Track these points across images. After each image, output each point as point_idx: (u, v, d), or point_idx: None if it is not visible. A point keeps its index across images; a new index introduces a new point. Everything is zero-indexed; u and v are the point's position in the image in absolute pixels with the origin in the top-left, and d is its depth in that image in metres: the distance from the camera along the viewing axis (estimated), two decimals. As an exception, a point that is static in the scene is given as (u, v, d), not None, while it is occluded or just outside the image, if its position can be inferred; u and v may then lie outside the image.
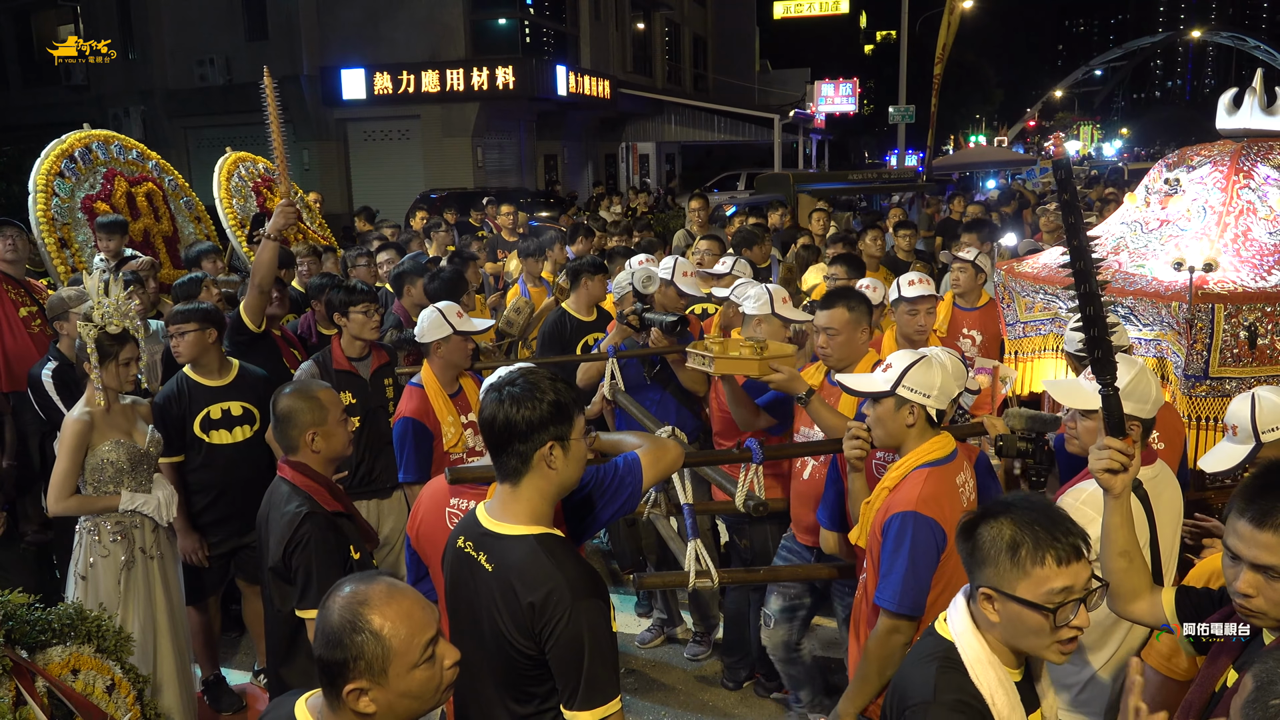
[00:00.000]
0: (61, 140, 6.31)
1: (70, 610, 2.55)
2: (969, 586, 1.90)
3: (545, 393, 2.06)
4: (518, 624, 2.01)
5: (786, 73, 37.19)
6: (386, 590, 1.67)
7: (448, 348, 3.92)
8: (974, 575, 1.86)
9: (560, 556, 2.03)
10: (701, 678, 4.57)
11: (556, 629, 1.97)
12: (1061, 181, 2.15)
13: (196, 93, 21.76)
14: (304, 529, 2.74)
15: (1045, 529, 1.77)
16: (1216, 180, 3.90)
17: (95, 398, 3.62)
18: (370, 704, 1.64)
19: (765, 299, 4.11)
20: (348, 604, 1.65)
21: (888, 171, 24.66)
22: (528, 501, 2.09)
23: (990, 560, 1.79)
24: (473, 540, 2.15)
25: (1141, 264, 3.85)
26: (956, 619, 1.89)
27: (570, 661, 1.98)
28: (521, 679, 2.08)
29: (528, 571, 2.01)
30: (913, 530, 2.58)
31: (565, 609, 1.96)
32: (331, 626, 1.64)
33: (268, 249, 4.56)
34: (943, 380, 2.69)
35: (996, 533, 1.80)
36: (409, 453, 3.80)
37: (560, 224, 11.31)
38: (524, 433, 2.05)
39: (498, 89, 20.61)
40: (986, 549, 1.80)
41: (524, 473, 2.08)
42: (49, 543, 4.80)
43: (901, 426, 2.72)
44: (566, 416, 2.08)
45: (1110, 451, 2.07)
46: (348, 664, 1.62)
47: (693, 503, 3.01)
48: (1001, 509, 1.83)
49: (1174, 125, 65.98)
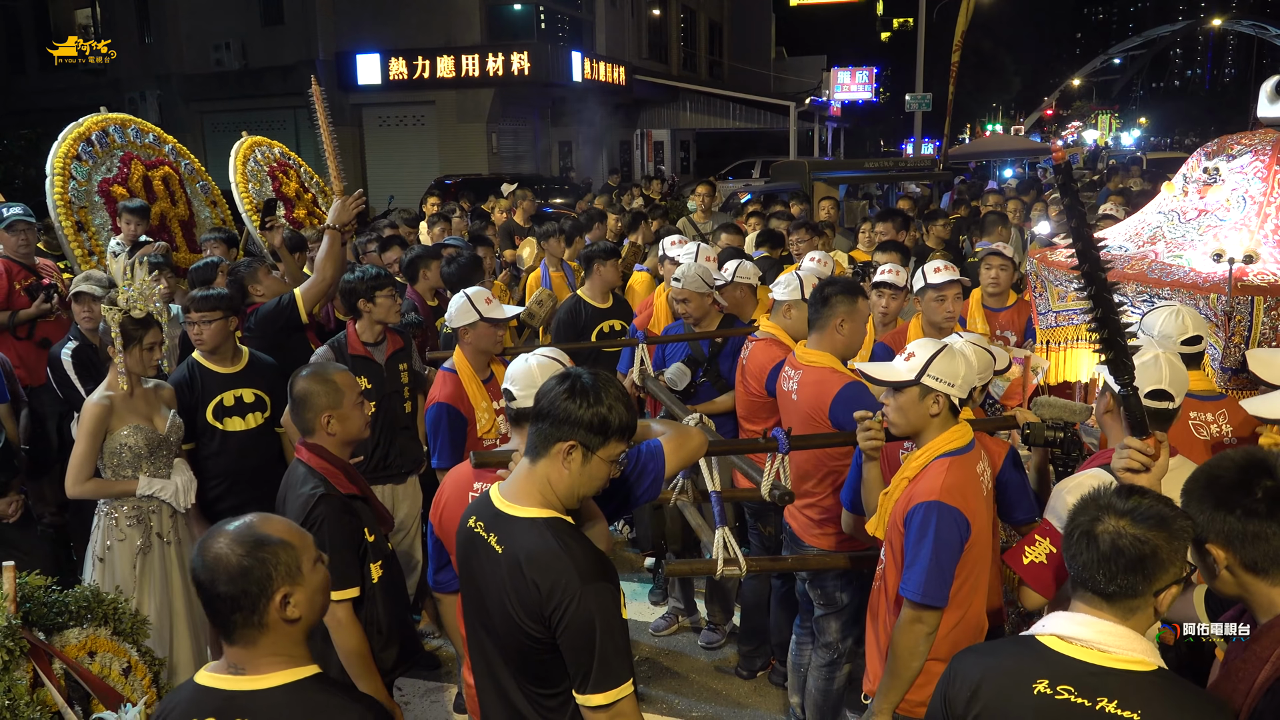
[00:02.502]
0: (79, 124, 6.29)
1: (87, 593, 2.55)
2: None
3: (600, 401, 2.05)
4: (526, 607, 2.00)
5: (802, 60, 36.94)
6: (257, 516, 1.84)
7: (475, 334, 3.89)
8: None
9: (568, 541, 2.02)
10: (716, 667, 4.54)
11: (566, 613, 1.95)
12: (1062, 185, 2.16)
13: (212, 77, 21.80)
14: (318, 510, 2.75)
15: None
16: (1257, 170, 3.81)
17: (118, 382, 3.61)
18: (295, 608, 1.78)
19: (795, 285, 4.07)
20: (237, 538, 1.77)
21: (904, 160, 24.49)
22: (540, 483, 2.09)
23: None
24: (484, 520, 2.14)
25: (1179, 254, 3.77)
26: None
27: (581, 645, 1.97)
28: (534, 662, 2.06)
29: (536, 555, 2.00)
30: (937, 520, 2.56)
31: (574, 593, 1.95)
32: (237, 556, 1.75)
33: (334, 241, 4.50)
34: (965, 369, 2.68)
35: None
36: (443, 438, 3.77)
37: (575, 211, 11.26)
38: (557, 419, 2.05)
39: (513, 75, 20.55)
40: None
41: (539, 454, 2.09)
42: (66, 525, 4.81)
43: (925, 416, 2.69)
44: (602, 431, 2.06)
45: (1131, 451, 2.07)
46: (270, 575, 1.75)
47: (720, 490, 2.98)
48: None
49: (1194, 115, 65.39)
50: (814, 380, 3.51)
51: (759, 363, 4.02)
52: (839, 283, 3.66)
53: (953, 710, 1.81)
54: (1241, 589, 1.81)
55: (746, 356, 4.13)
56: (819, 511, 3.58)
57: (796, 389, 3.56)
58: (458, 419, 3.77)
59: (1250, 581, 1.79)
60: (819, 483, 3.56)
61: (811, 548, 3.61)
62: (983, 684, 1.78)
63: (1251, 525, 1.77)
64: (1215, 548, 1.81)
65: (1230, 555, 1.79)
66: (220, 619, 1.77)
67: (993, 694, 1.76)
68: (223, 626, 1.78)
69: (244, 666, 1.79)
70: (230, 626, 1.77)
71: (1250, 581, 1.79)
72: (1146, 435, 2.10)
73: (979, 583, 2.71)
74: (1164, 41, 48.25)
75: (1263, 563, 1.77)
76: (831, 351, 3.56)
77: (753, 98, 28.27)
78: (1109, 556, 1.71)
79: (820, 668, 3.65)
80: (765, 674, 4.41)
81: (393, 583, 3.01)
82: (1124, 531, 1.72)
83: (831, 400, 3.41)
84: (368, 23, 20.99)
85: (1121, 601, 1.73)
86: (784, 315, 4.09)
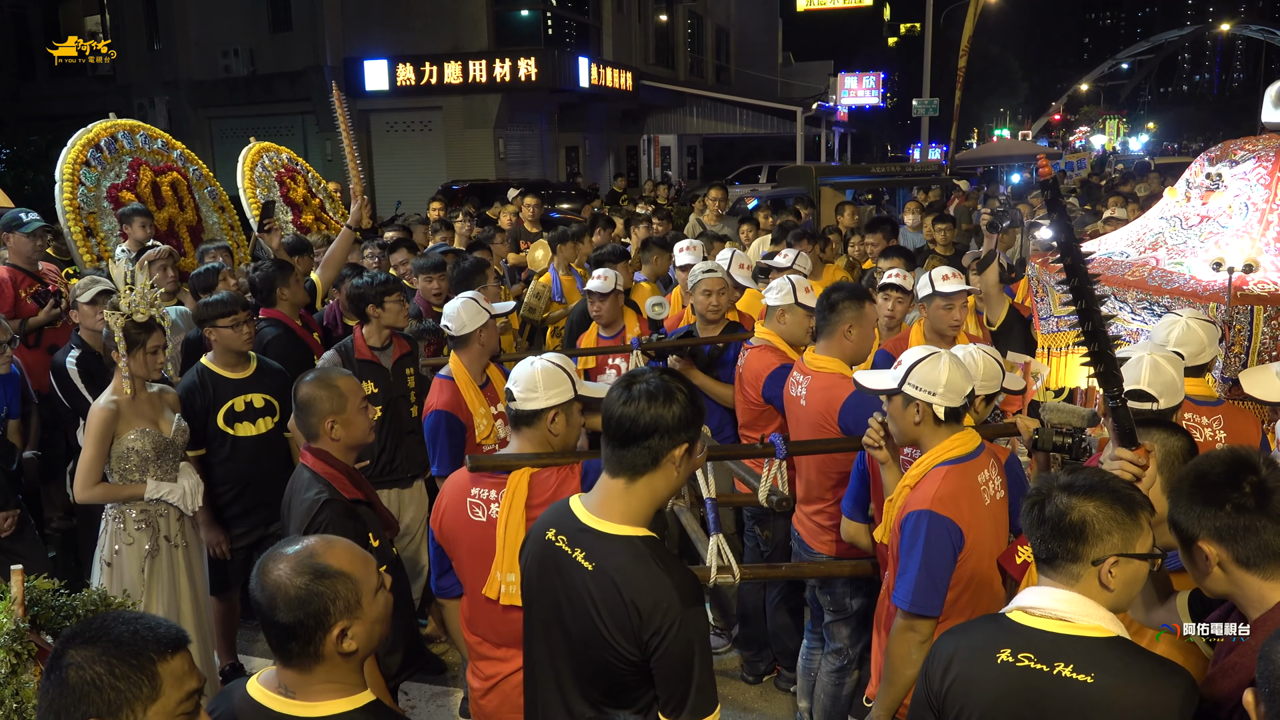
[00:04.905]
0: (88, 129, 6.34)
1: (95, 596, 2.55)
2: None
3: (683, 393, 2.05)
4: (620, 628, 1.97)
5: (809, 65, 36.95)
6: (321, 541, 1.80)
7: (487, 333, 3.89)
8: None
9: (667, 561, 2.01)
10: (721, 671, 4.54)
11: (666, 638, 1.93)
12: (1050, 201, 2.17)
13: (221, 83, 21.88)
14: (322, 515, 2.75)
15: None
16: (1260, 176, 3.79)
17: (122, 386, 3.63)
18: (352, 641, 1.74)
19: (788, 289, 4.06)
20: (299, 564, 1.74)
21: (910, 165, 24.47)
22: (638, 500, 2.05)
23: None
24: (566, 535, 2.10)
25: (1180, 261, 3.75)
26: None
27: (679, 670, 1.96)
28: (615, 682, 2.05)
29: (634, 575, 1.98)
30: (927, 529, 2.56)
31: (675, 617, 1.93)
32: (295, 587, 1.71)
33: (347, 238, 5.49)
34: (950, 377, 2.64)
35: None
36: (442, 446, 3.76)
37: (581, 216, 11.28)
38: (668, 429, 2.01)
39: (520, 80, 20.59)
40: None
41: (648, 470, 2.03)
42: (74, 529, 4.84)
43: (910, 424, 2.70)
44: (698, 421, 2.06)
45: (1122, 463, 2.08)
46: (327, 610, 1.71)
47: (715, 496, 2.98)
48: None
49: (1201, 120, 65.14)
50: (823, 386, 3.51)
51: (754, 370, 4.02)
52: (845, 289, 3.66)
53: (931, 685, 1.93)
54: (1233, 585, 1.83)
55: (743, 364, 4.14)
56: (828, 518, 3.57)
57: (805, 395, 3.56)
58: (457, 426, 3.76)
59: (1242, 577, 1.80)
60: (829, 489, 3.56)
61: (820, 554, 3.61)
62: (955, 658, 1.90)
63: (1242, 519, 1.78)
64: (1206, 544, 1.82)
65: (1222, 551, 1.80)
66: (276, 643, 1.75)
67: (962, 666, 1.88)
68: (278, 650, 1.76)
69: (295, 691, 1.77)
70: (287, 654, 1.75)
71: (1242, 577, 1.80)
72: (1136, 446, 2.11)
73: (979, 591, 2.69)
74: (1172, 46, 48.18)
75: (1254, 557, 1.78)
76: (840, 357, 3.56)
77: (759, 103, 28.26)
78: (1040, 521, 1.86)
79: (830, 673, 3.66)
80: (771, 678, 4.41)
81: (397, 589, 3.02)
82: (1057, 500, 1.85)
83: (841, 406, 3.42)
84: (375, 29, 21.08)
85: (1062, 567, 1.85)
86: (778, 321, 4.09)
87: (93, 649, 1.54)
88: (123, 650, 1.55)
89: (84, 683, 1.52)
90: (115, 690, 1.53)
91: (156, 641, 1.58)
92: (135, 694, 1.54)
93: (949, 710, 1.88)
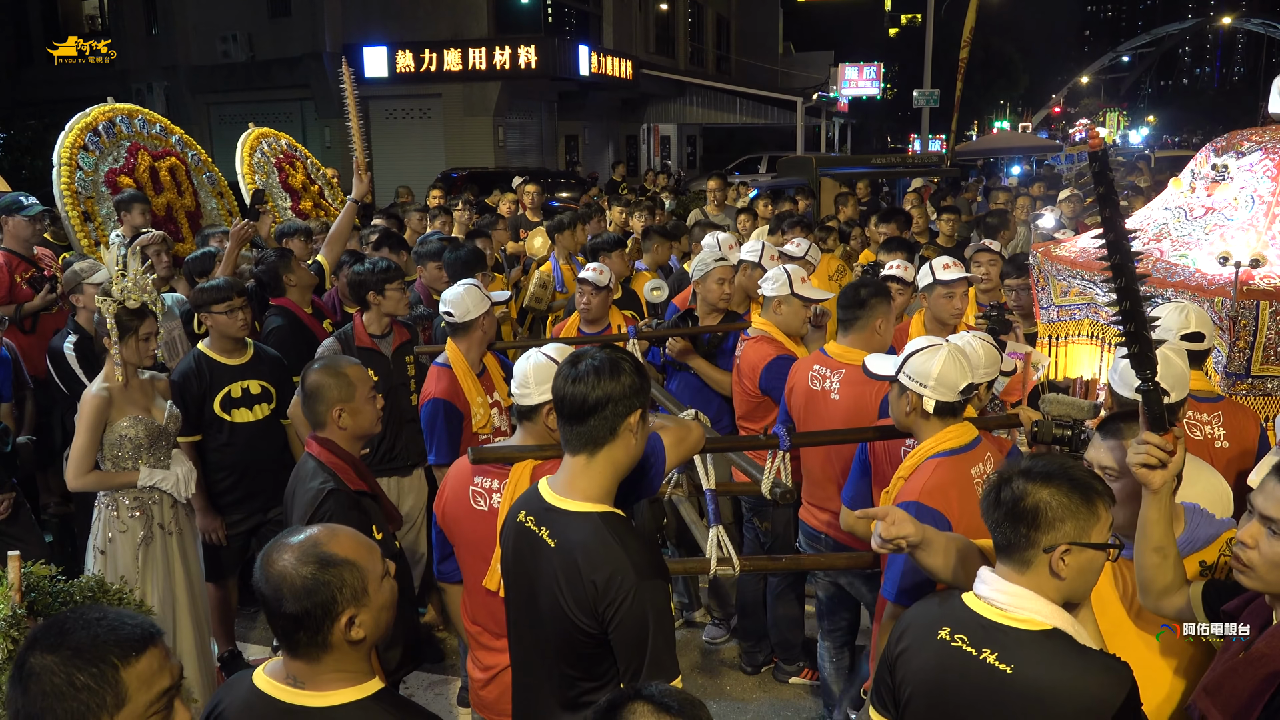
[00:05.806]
0: (85, 114, 6.30)
1: (92, 583, 2.54)
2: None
3: (628, 363, 2.08)
4: (579, 602, 2.00)
5: (810, 55, 36.85)
6: (325, 530, 1.80)
7: (489, 320, 3.88)
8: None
9: (624, 536, 2.02)
10: (720, 661, 4.54)
11: (620, 609, 1.96)
12: (1098, 174, 2.09)
13: (219, 69, 21.77)
14: (326, 505, 2.74)
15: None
16: (1267, 168, 3.73)
17: (114, 373, 3.61)
18: (360, 628, 1.74)
19: (784, 280, 4.04)
20: (304, 553, 1.73)
21: (911, 156, 24.41)
22: (600, 475, 2.08)
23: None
24: (534, 515, 2.13)
25: (1184, 254, 3.71)
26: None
27: (634, 642, 1.97)
28: (580, 655, 2.07)
29: (592, 550, 2.00)
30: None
31: (630, 589, 1.95)
32: (301, 577, 1.70)
33: (351, 211, 5.57)
34: (942, 371, 2.63)
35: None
36: (439, 434, 3.74)
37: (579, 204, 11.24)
38: (619, 398, 2.04)
39: (520, 68, 20.49)
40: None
41: (607, 441, 2.06)
42: (71, 515, 4.83)
43: (902, 413, 2.72)
44: (647, 389, 2.10)
45: (1148, 447, 2.04)
46: (334, 599, 1.71)
47: (715, 487, 2.96)
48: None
49: (1202, 113, 65.07)
50: (861, 379, 3.46)
51: (751, 361, 4.01)
52: (871, 284, 3.69)
53: (889, 651, 2.03)
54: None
55: (740, 356, 4.12)
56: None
57: (838, 389, 3.54)
58: (454, 415, 3.74)
59: None
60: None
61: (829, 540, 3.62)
62: (908, 629, 2.00)
63: None
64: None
65: None
66: (283, 634, 1.74)
67: (911, 637, 1.98)
68: (285, 641, 1.75)
69: (304, 681, 1.75)
70: (294, 644, 1.74)
71: None
72: (1165, 431, 2.07)
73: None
74: (1173, 39, 48.08)
75: None
76: (868, 350, 3.52)
77: (760, 93, 28.16)
78: (996, 505, 1.90)
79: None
80: (769, 669, 4.41)
81: (400, 583, 3.01)
82: (1014, 485, 1.87)
83: (883, 399, 3.37)
84: (375, 15, 20.97)
85: (1015, 554, 1.87)
86: (774, 311, 4.08)
87: (54, 656, 1.49)
88: (82, 658, 1.49)
89: (44, 694, 1.48)
90: (77, 700, 1.47)
91: (119, 644, 1.52)
92: (99, 703, 1.48)
93: (897, 675, 1.99)
